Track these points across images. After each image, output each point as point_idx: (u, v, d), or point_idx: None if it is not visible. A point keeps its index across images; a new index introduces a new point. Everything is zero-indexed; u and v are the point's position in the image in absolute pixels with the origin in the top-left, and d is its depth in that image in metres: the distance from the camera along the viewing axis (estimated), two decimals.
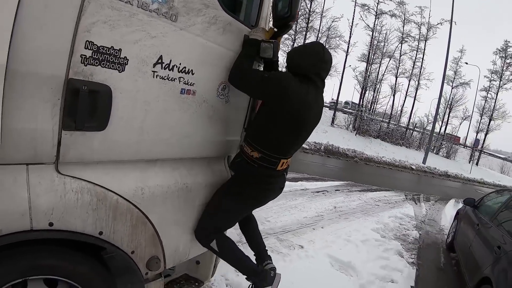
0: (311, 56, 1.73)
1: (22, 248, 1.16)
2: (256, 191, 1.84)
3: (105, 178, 1.32)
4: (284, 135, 1.73)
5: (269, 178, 1.80)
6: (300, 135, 1.80)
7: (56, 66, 1.06)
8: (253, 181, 1.78)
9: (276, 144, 1.73)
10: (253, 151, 1.72)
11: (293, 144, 1.80)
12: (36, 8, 0.97)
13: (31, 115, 1.05)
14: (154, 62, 1.32)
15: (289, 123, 1.70)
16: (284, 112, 1.66)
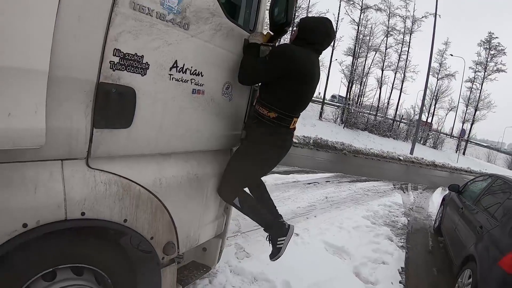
0: (322, 33, 1.97)
1: (53, 238, 1.26)
2: (272, 149, 2.02)
3: (128, 170, 1.47)
4: (295, 96, 1.95)
5: (285, 135, 2.03)
6: (307, 95, 2.03)
7: (89, 71, 1.20)
8: (270, 139, 1.97)
9: (289, 104, 1.94)
10: (270, 111, 1.92)
11: (303, 103, 2.02)
12: (71, 20, 1.10)
13: (67, 115, 1.18)
14: (170, 66, 1.48)
15: (299, 86, 1.91)
16: (294, 75, 1.87)
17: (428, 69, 21.81)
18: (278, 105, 1.92)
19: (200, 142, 1.86)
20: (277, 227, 2.22)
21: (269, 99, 1.93)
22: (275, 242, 2.21)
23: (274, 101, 1.92)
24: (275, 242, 2.21)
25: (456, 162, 22.70)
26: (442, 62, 27.57)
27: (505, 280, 2.57)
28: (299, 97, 1.97)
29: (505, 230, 2.97)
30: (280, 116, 1.92)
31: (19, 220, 1.12)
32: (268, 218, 2.23)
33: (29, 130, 1.01)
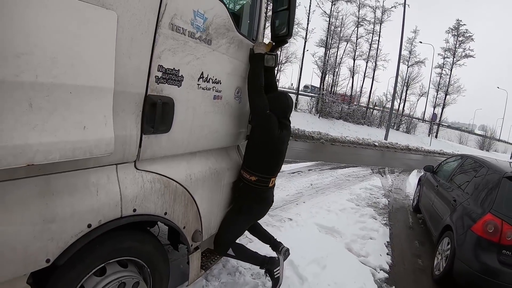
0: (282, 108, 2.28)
1: (104, 235, 1.39)
2: (259, 206, 2.39)
3: (167, 169, 1.69)
4: (271, 160, 2.26)
5: (265, 193, 2.34)
6: (280, 159, 2.34)
7: (139, 85, 1.40)
8: (254, 197, 2.31)
9: (266, 168, 2.26)
10: (251, 175, 2.24)
11: (276, 166, 2.34)
12: (126, 42, 1.29)
13: (123, 125, 1.37)
14: (198, 77, 1.71)
15: (273, 152, 2.24)
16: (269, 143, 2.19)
17: (399, 57, 22.70)
18: (257, 169, 2.24)
19: (218, 140, 2.10)
20: (270, 262, 2.54)
21: (250, 165, 2.26)
22: (272, 274, 2.54)
23: (254, 167, 2.25)
24: (272, 274, 2.54)
25: (429, 145, 23.92)
26: (412, 49, 28.87)
27: (477, 242, 3.04)
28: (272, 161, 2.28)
29: (475, 202, 3.44)
30: (259, 178, 2.24)
31: (84, 221, 1.27)
32: (259, 258, 2.54)
33: (101, 140, 1.18)
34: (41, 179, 1.15)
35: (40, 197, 1.13)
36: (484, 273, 2.92)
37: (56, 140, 1.02)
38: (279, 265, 2.56)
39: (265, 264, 2.53)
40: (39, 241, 1.12)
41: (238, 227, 2.40)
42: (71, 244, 1.22)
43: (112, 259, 1.50)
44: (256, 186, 2.26)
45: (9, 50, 0.90)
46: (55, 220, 1.16)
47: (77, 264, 1.33)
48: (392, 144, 20.82)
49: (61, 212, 1.18)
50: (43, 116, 0.99)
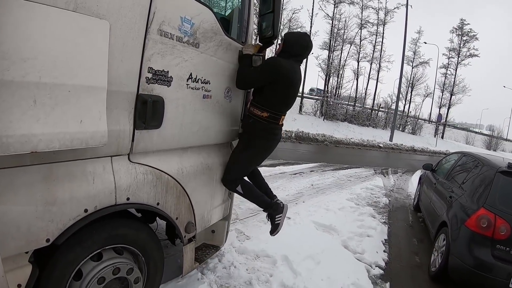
0: (303, 46, 2.37)
1: (100, 222, 1.55)
2: (266, 142, 2.42)
3: (159, 162, 1.83)
4: (283, 97, 2.34)
5: (275, 130, 2.41)
6: (292, 97, 2.42)
7: (131, 85, 1.56)
8: (264, 134, 2.37)
9: (278, 105, 2.34)
10: (263, 112, 2.31)
11: (288, 103, 2.42)
12: (118, 47, 1.45)
13: (116, 120, 1.52)
14: (187, 78, 1.86)
15: (284, 90, 2.30)
16: (281, 82, 2.25)
17: (402, 58, 22.67)
18: (269, 106, 2.31)
19: (209, 137, 2.24)
20: (274, 207, 2.64)
21: (261, 102, 2.33)
22: (274, 219, 2.64)
23: (266, 103, 2.32)
24: (273, 220, 2.64)
25: (435, 146, 23.71)
26: (416, 50, 28.74)
27: (471, 237, 3.08)
28: (285, 99, 2.37)
29: (470, 197, 3.48)
30: (271, 115, 2.33)
31: (82, 206, 1.43)
32: (266, 200, 2.63)
33: (96, 132, 1.33)
34: (44, 167, 1.31)
35: (42, 182, 1.29)
36: (478, 268, 2.94)
37: (56, 131, 1.18)
38: (281, 212, 2.65)
39: (269, 207, 2.62)
40: (40, 221, 1.28)
41: (246, 163, 2.47)
42: (69, 226, 1.38)
43: (108, 245, 1.64)
44: (267, 122, 2.33)
45: (17, 55, 1.08)
46: (55, 204, 1.31)
47: (75, 248, 1.48)
48: (397, 145, 20.75)
49: (61, 196, 1.34)
50: (46, 110, 1.15)
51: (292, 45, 2.34)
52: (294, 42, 2.35)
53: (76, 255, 1.49)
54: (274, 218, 2.63)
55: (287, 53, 2.34)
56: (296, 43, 2.35)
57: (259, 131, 2.37)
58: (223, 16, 2.44)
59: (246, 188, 2.50)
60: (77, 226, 1.41)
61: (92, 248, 1.56)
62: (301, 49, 2.36)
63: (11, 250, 1.22)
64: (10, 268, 1.23)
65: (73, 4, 1.23)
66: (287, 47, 2.35)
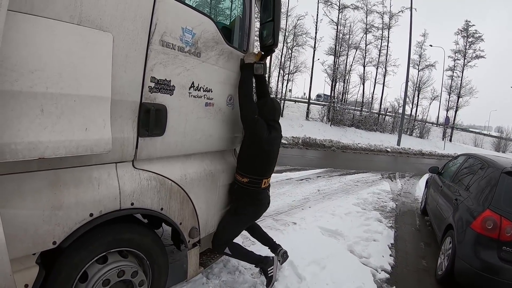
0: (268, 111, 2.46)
1: (106, 226, 1.61)
2: (254, 208, 2.54)
3: (162, 169, 1.89)
4: (260, 162, 2.42)
5: (259, 195, 2.49)
6: (271, 161, 2.49)
7: (134, 95, 1.63)
8: (250, 200, 2.48)
9: (257, 169, 2.41)
10: (243, 177, 2.41)
11: (267, 167, 2.49)
12: (121, 58, 1.52)
13: (120, 128, 1.59)
14: (189, 86, 1.92)
15: (263, 154, 2.38)
16: (257, 145, 2.34)
17: (408, 61, 22.53)
18: (248, 171, 2.40)
19: (212, 144, 2.30)
20: (266, 261, 2.70)
21: (241, 167, 2.44)
22: (266, 272, 2.70)
23: (245, 169, 2.41)
24: (266, 273, 2.71)
25: (443, 149, 23.40)
26: (421, 53, 28.60)
27: (476, 239, 3.03)
28: (263, 163, 2.43)
29: (475, 199, 3.44)
30: (250, 180, 2.40)
31: (87, 210, 1.49)
32: (255, 257, 2.71)
33: (101, 140, 1.40)
34: (51, 173, 1.38)
35: (49, 187, 1.36)
36: (485, 271, 2.88)
37: (62, 138, 1.25)
38: (272, 265, 2.71)
39: (259, 262, 2.69)
40: (47, 225, 1.34)
41: (233, 228, 2.56)
42: (75, 230, 1.44)
43: (113, 249, 1.69)
44: (248, 188, 2.41)
45: (25, 67, 1.15)
46: (62, 208, 1.38)
47: (81, 250, 1.53)
48: (405, 149, 20.54)
49: (67, 201, 1.40)
50: (52, 119, 1.23)
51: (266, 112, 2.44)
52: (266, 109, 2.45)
53: (82, 258, 1.55)
54: (266, 272, 2.70)
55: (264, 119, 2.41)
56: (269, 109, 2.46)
57: (245, 197, 2.47)
58: (225, 25, 2.51)
59: (234, 249, 2.61)
60: (83, 229, 1.46)
61: (98, 251, 1.61)
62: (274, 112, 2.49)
63: (19, 251, 1.28)
64: (18, 269, 1.28)
65: (77, 17, 1.31)
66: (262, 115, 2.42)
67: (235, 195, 2.53)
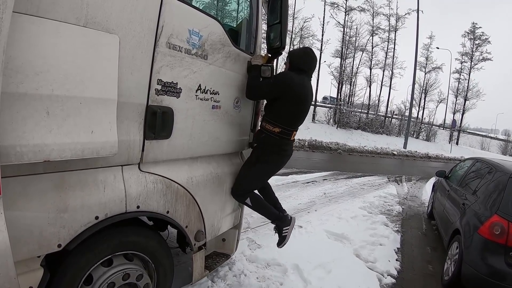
0: (308, 59, 2.42)
1: (111, 229, 1.60)
2: (278, 157, 2.44)
3: (168, 172, 1.88)
4: (294, 113, 2.36)
5: (286, 145, 2.43)
6: (304, 112, 2.44)
7: (140, 97, 1.61)
8: (276, 149, 2.39)
9: (290, 120, 2.36)
10: (275, 127, 2.33)
11: (300, 119, 2.43)
12: (128, 60, 1.51)
13: (126, 131, 1.58)
14: (196, 89, 1.91)
15: (297, 105, 2.33)
16: (293, 98, 2.28)
17: (415, 64, 22.34)
18: (281, 121, 2.34)
19: (219, 146, 2.28)
20: (282, 219, 2.66)
21: (273, 117, 2.36)
22: (281, 231, 2.66)
23: (277, 119, 2.34)
24: (281, 231, 2.66)
25: (449, 152, 23.14)
26: (428, 56, 28.39)
27: (483, 244, 3.00)
28: (297, 115, 2.39)
29: (483, 204, 3.39)
30: (283, 130, 2.35)
31: (92, 213, 1.48)
32: (274, 212, 2.66)
33: (106, 142, 1.39)
34: (56, 175, 1.37)
35: (55, 190, 1.35)
36: (492, 277, 2.86)
37: (68, 141, 1.24)
38: (289, 225, 2.67)
39: (277, 219, 2.64)
40: (52, 227, 1.33)
41: (256, 177, 2.49)
42: (80, 232, 1.43)
43: (118, 252, 1.68)
44: (279, 138, 2.35)
45: (30, 69, 1.15)
46: (67, 210, 1.37)
47: (86, 253, 1.52)
48: (411, 152, 20.32)
49: (72, 204, 1.39)
50: (58, 121, 1.22)
51: (298, 62, 2.39)
52: (299, 59, 2.41)
53: (87, 260, 1.54)
54: (281, 230, 2.65)
55: (296, 69, 2.38)
56: (301, 59, 2.40)
57: (271, 146, 2.39)
58: (232, 27, 2.51)
59: (255, 201, 2.53)
60: (88, 232, 1.45)
61: (103, 254, 1.60)
62: (308, 63, 2.41)
63: (24, 254, 1.27)
64: (23, 271, 1.28)
65: (83, 19, 1.30)
66: (294, 65, 2.40)
67: (261, 143, 2.44)
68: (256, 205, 2.55)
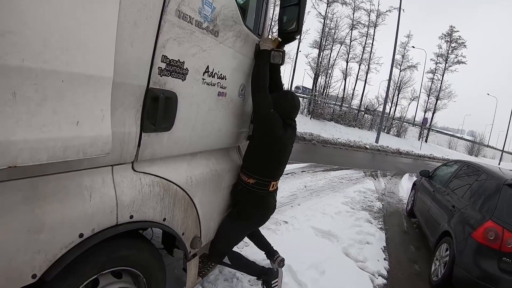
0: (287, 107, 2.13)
1: (98, 245, 1.22)
2: (257, 211, 2.22)
3: (166, 171, 1.54)
4: (271, 162, 2.11)
5: (265, 198, 2.17)
6: (282, 161, 2.19)
7: (141, 77, 1.24)
8: (255, 203, 2.16)
9: (266, 170, 2.11)
10: (249, 178, 2.10)
11: (277, 169, 2.18)
12: (129, 26, 1.13)
13: (121, 121, 1.21)
14: (204, 71, 1.57)
15: (275, 153, 2.08)
16: (270, 143, 2.03)
17: (392, 60, 22.69)
18: (256, 172, 2.09)
19: (220, 140, 1.97)
20: (268, 273, 2.43)
21: (249, 167, 2.12)
22: (270, 286, 2.44)
23: (253, 169, 2.10)
24: (269, 286, 2.44)
25: (419, 149, 24.19)
26: (404, 54, 29.18)
27: (477, 249, 3.01)
28: (273, 164, 2.13)
29: (474, 208, 3.40)
30: (257, 181, 2.09)
31: (76, 230, 1.10)
32: (257, 268, 2.42)
33: (97, 138, 1.02)
34: (26, 182, 0.98)
35: (25, 203, 0.97)
36: (484, 280, 2.89)
37: (44, 137, 0.86)
38: (277, 277, 2.46)
39: (262, 275, 2.42)
40: (23, 254, 0.96)
41: (235, 235, 2.24)
42: (60, 256, 1.06)
43: (105, 270, 1.33)
44: (254, 190, 2.10)
45: None
46: (43, 230, 0.99)
47: (68, 278, 1.16)
48: (383, 147, 20.92)
49: (50, 220, 1.01)
50: (30, 108, 0.83)
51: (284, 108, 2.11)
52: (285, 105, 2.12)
53: (68, 286, 1.18)
54: (270, 285, 2.44)
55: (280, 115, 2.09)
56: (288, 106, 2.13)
57: (249, 200, 2.15)
58: (240, 3, 2.16)
59: (234, 259, 2.29)
60: (71, 256, 1.09)
61: (87, 276, 1.24)
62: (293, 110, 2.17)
63: None
64: None
65: None
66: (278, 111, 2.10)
67: (238, 197, 2.20)
68: (236, 263, 2.30)
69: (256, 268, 2.41)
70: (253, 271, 2.40)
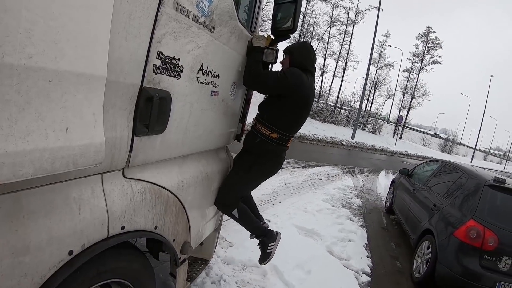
0: (311, 57, 2.11)
1: (92, 260, 1.12)
2: (272, 164, 2.19)
3: (158, 176, 1.43)
4: (297, 118, 2.08)
5: (282, 152, 2.17)
6: (305, 116, 2.15)
7: (135, 75, 1.13)
8: (271, 156, 2.12)
9: (290, 126, 2.09)
10: (272, 132, 2.04)
11: (300, 124, 2.16)
12: (124, 17, 1.01)
13: (112, 124, 1.10)
14: (198, 69, 1.47)
15: (301, 107, 2.04)
16: (299, 99, 1.99)
17: (370, 58, 23.12)
18: (280, 127, 2.05)
19: (211, 141, 1.89)
20: (269, 235, 2.39)
21: (272, 121, 2.04)
22: (266, 247, 2.39)
23: (277, 123, 2.04)
24: (265, 248, 2.39)
25: (394, 146, 24.94)
26: (381, 52, 29.94)
27: (460, 247, 3.12)
28: (299, 120, 2.12)
29: (457, 208, 3.52)
30: (281, 136, 2.06)
31: (65, 247, 0.99)
32: (261, 227, 2.37)
33: (89, 146, 0.90)
34: (7, 198, 0.85)
35: (6, 221, 0.84)
36: (466, 277, 3.00)
37: (28, 147, 0.74)
38: (275, 240, 2.42)
39: (263, 234, 2.38)
40: (8, 280, 0.84)
41: (249, 185, 2.23)
42: (48, 278, 0.94)
43: (94, 285, 1.21)
44: (275, 144, 2.07)
45: None
46: (29, 251, 0.87)
47: None
48: (359, 143, 21.41)
49: (36, 239, 0.89)
50: (11, 113, 0.70)
51: (302, 60, 2.07)
52: (302, 56, 2.09)
53: None
54: (266, 246, 2.38)
55: (300, 67, 2.04)
56: (304, 56, 2.09)
57: (267, 153, 2.10)
58: None
59: (242, 213, 2.22)
60: (60, 276, 0.98)
61: None
62: (311, 61, 2.13)
63: None
64: None
65: None
66: (298, 61, 2.07)
67: (256, 150, 2.12)
68: (243, 217, 2.24)
69: (260, 226, 2.38)
70: (256, 228, 2.36)
